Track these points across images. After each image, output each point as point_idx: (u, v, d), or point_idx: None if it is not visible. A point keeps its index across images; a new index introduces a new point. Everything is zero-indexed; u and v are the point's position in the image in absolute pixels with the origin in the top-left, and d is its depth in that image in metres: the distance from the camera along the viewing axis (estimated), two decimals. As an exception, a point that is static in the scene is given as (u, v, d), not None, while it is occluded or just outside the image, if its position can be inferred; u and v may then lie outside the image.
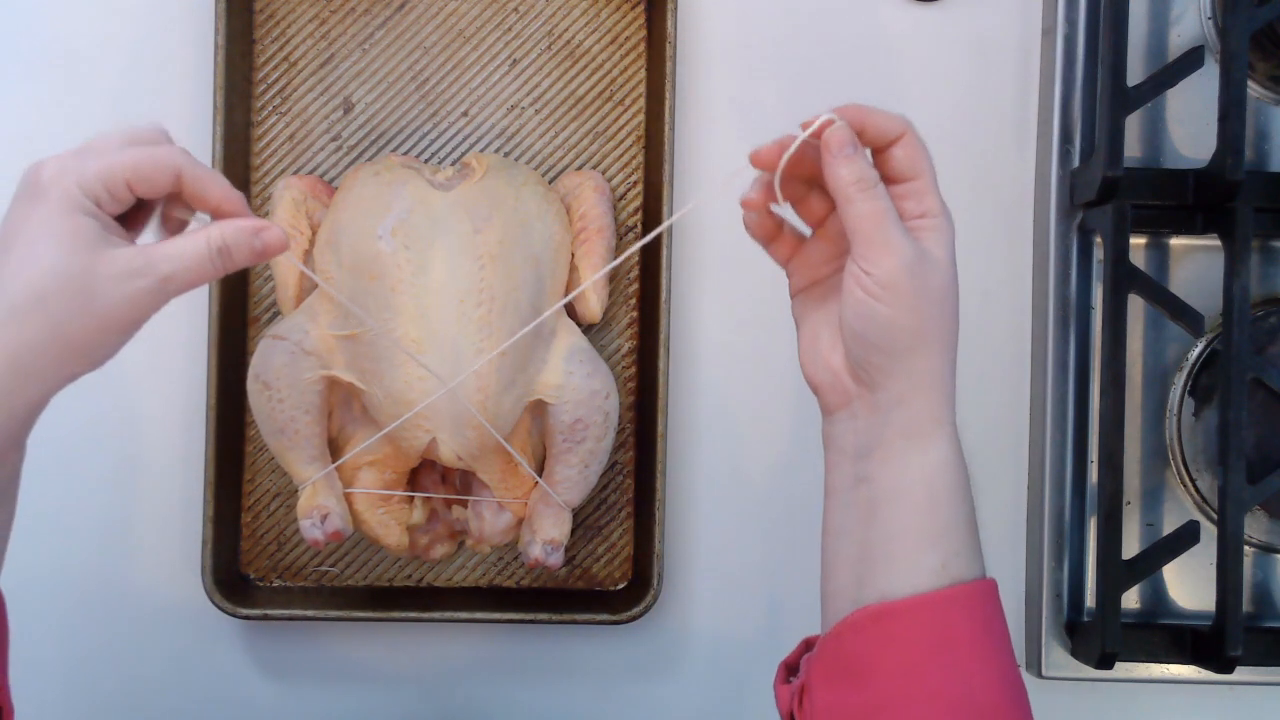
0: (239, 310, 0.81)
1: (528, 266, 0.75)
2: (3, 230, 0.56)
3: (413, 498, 0.78)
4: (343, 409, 0.77)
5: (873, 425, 0.60)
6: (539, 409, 0.77)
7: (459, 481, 0.79)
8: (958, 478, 0.60)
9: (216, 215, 0.58)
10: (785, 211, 0.64)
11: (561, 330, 0.77)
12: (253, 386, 0.75)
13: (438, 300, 0.73)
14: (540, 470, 0.78)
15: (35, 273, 0.54)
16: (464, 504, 0.79)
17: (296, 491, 0.76)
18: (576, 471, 0.76)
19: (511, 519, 0.78)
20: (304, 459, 0.75)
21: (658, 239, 0.80)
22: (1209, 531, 0.81)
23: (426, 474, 0.79)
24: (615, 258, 0.80)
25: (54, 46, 0.83)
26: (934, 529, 0.59)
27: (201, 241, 0.57)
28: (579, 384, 0.76)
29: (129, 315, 0.56)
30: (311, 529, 0.75)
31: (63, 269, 0.54)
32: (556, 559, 0.77)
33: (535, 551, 0.77)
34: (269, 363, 0.74)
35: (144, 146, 0.57)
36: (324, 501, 0.75)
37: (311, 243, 0.77)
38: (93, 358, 0.57)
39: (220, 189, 0.58)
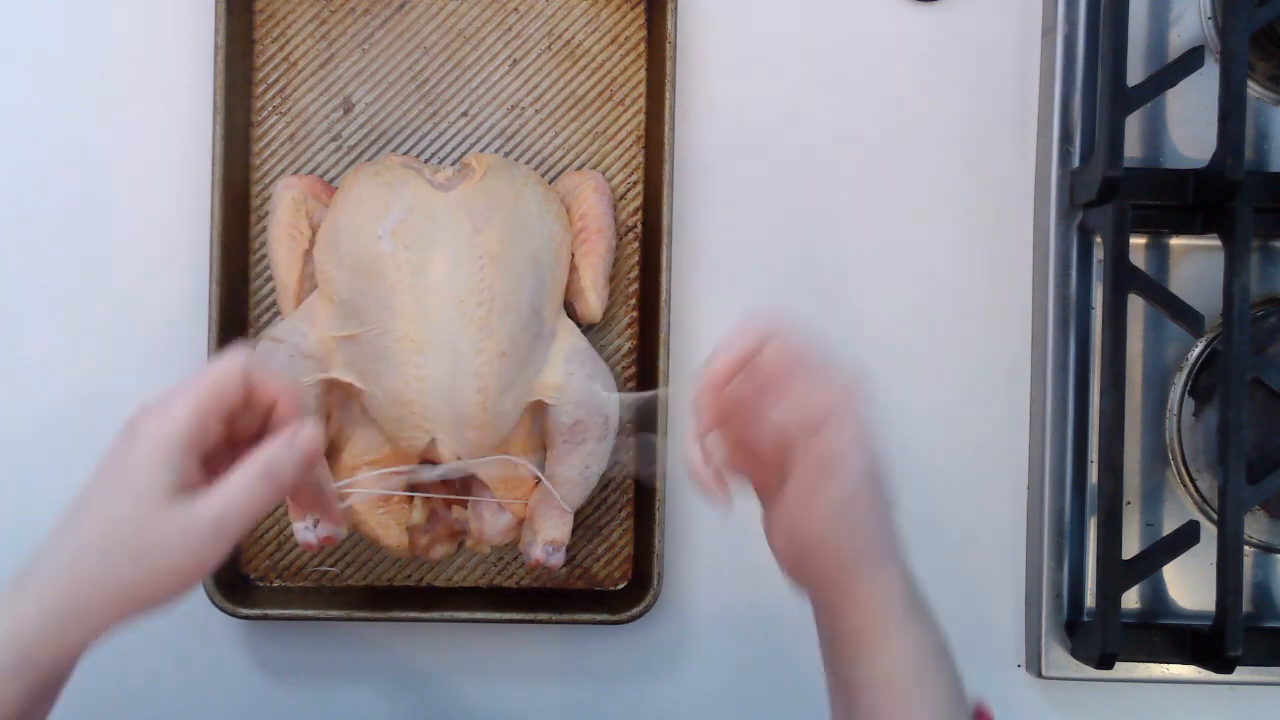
0: (239, 311, 0.81)
1: (528, 267, 0.75)
2: (97, 471, 0.59)
3: (412, 498, 0.78)
4: (341, 410, 0.77)
5: (827, 628, 0.62)
6: (539, 409, 0.77)
7: (459, 482, 0.79)
8: (923, 661, 0.61)
9: (274, 414, 0.60)
10: None
11: (562, 331, 0.77)
12: None
13: (437, 300, 0.73)
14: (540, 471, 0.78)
15: (103, 522, 0.57)
16: (463, 504, 0.79)
17: (293, 491, 0.76)
18: (577, 473, 0.76)
19: (511, 519, 0.78)
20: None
21: (657, 239, 0.80)
22: (1209, 531, 0.81)
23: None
24: (615, 257, 0.80)
25: (54, 46, 0.83)
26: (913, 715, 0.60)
27: (247, 473, 0.58)
28: (579, 385, 0.76)
29: (190, 564, 0.58)
30: (305, 532, 0.75)
31: (125, 520, 0.57)
32: (558, 559, 0.77)
33: (536, 552, 0.77)
34: (267, 362, 0.74)
35: (210, 370, 0.59)
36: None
37: (311, 243, 0.77)
38: (150, 604, 0.58)
39: (279, 383, 0.60)
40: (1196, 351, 0.83)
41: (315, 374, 0.75)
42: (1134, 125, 0.83)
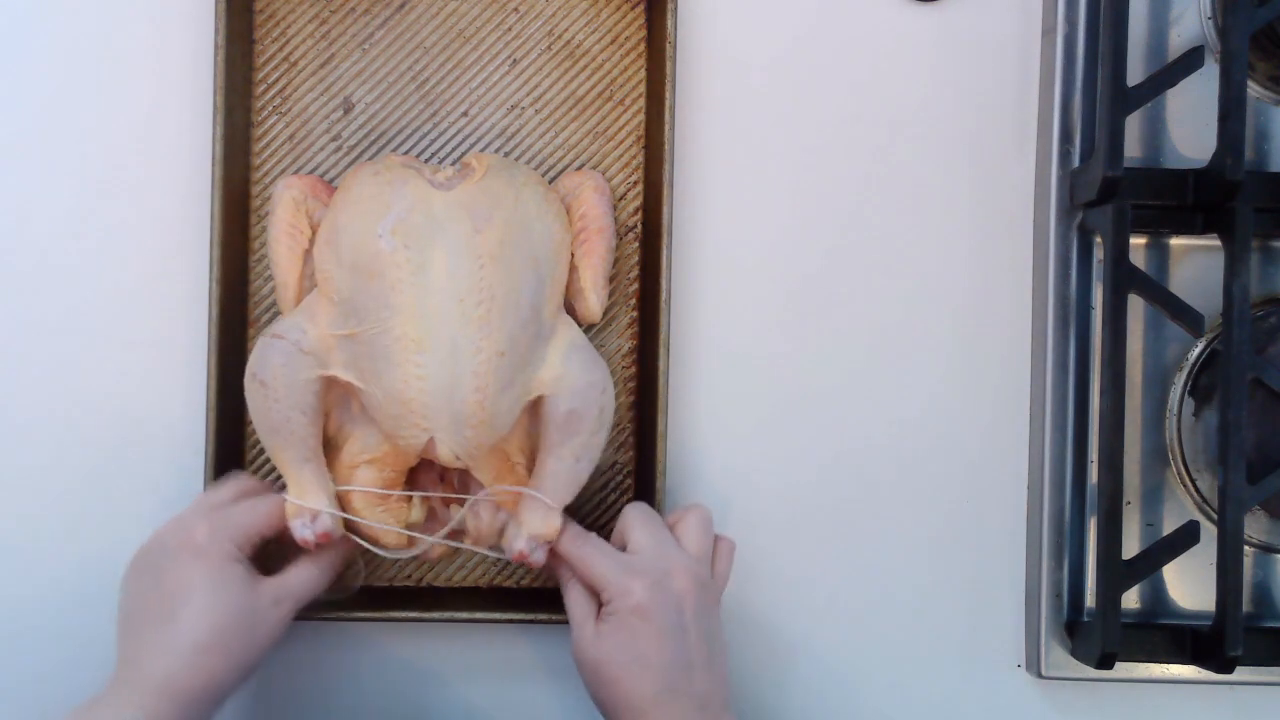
0: (239, 310, 0.81)
1: (528, 266, 0.75)
2: (165, 586, 0.70)
3: (410, 497, 0.78)
4: (340, 408, 0.77)
5: None
6: (537, 406, 0.77)
7: (457, 481, 0.79)
8: None
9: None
10: None
11: (561, 327, 0.77)
12: (250, 385, 0.75)
13: (437, 299, 0.73)
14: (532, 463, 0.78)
15: (216, 616, 0.69)
16: (462, 503, 0.79)
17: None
18: (567, 465, 0.76)
19: (509, 516, 0.78)
20: (297, 459, 0.75)
21: (657, 239, 0.80)
22: (1209, 531, 0.81)
23: (425, 473, 0.79)
24: (615, 257, 0.80)
25: (54, 46, 0.83)
26: None
27: (310, 562, 0.75)
28: (576, 375, 0.76)
29: (279, 633, 0.72)
30: (301, 529, 0.75)
31: (236, 608, 0.70)
32: (540, 555, 0.76)
33: (520, 545, 0.76)
34: (266, 361, 0.74)
35: (257, 498, 0.74)
36: (314, 502, 0.75)
37: (311, 242, 0.77)
38: (251, 673, 0.71)
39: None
40: (1196, 351, 0.83)
41: (314, 371, 0.75)
42: (1134, 125, 0.83)
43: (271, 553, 0.76)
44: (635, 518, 0.75)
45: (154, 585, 0.70)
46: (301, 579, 0.74)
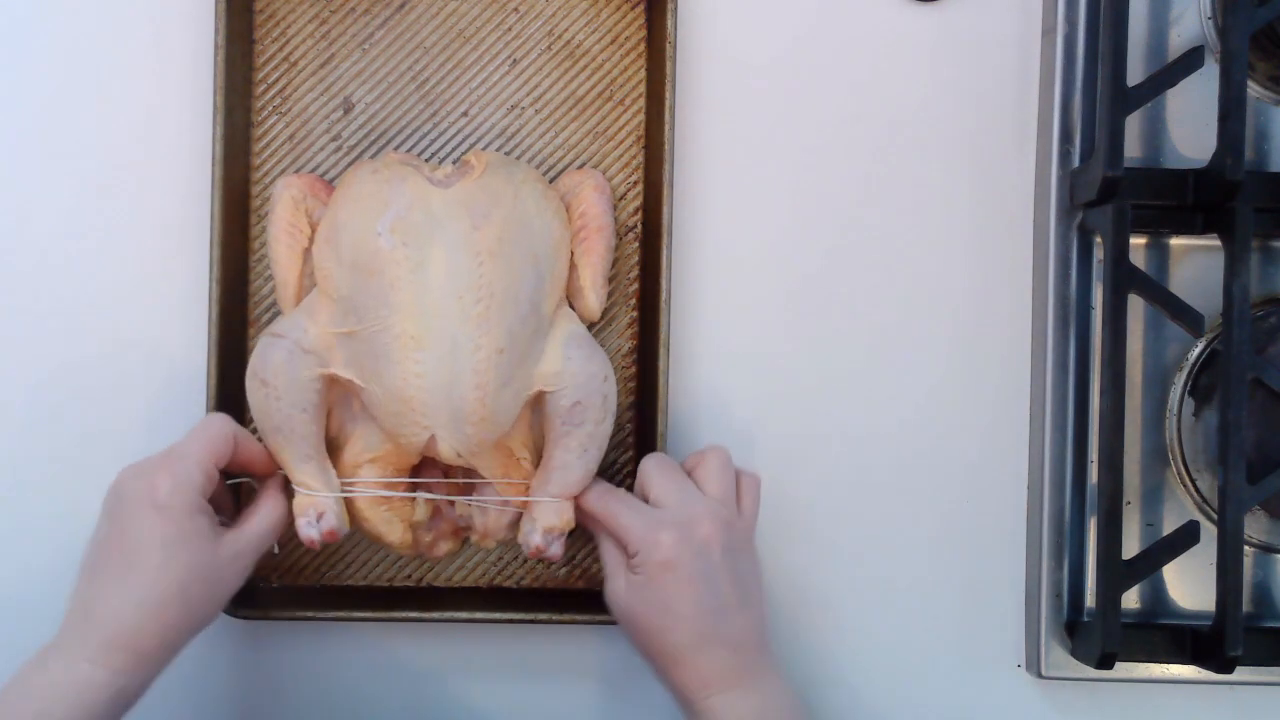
0: (239, 310, 0.81)
1: (527, 263, 0.75)
2: (126, 537, 0.69)
3: (414, 496, 0.78)
4: (341, 407, 0.77)
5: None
6: (539, 402, 0.77)
7: (461, 476, 0.79)
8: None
9: (257, 468, 0.75)
10: None
11: (560, 320, 0.77)
12: (251, 384, 0.75)
13: (436, 296, 0.73)
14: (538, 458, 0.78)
15: (177, 571, 0.68)
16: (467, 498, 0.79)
17: (293, 488, 0.76)
18: (575, 456, 0.76)
19: (514, 512, 0.78)
20: (300, 456, 0.75)
21: (657, 239, 0.80)
22: (1209, 531, 0.81)
23: (429, 471, 0.79)
24: (615, 256, 0.80)
25: (54, 46, 0.83)
26: None
27: (269, 511, 0.74)
28: (577, 368, 0.76)
29: (238, 585, 0.72)
30: (307, 528, 0.75)
31: (197, 563, 0.69)
32: (557, 549, 0.77)
33: (536, 540, 0.76)
34: (267, 360, 0.74)
35: (205, 430, 0.72)
36: (320, 500, 0.75)
37: (311, 241, 0.77)
38: (209, 624, 0.71)
39: (258, 447, 0.75)
40: (1196, 351, 0.83)
41: (315, 369, 0.75)
42: (1134, 125, 0.83)
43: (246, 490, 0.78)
44: (653, 468, 0.75)
45: (114, 535, 0.69)
46: (261, 530, 0.73)
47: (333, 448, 0.77)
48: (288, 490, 0.76)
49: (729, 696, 0.71)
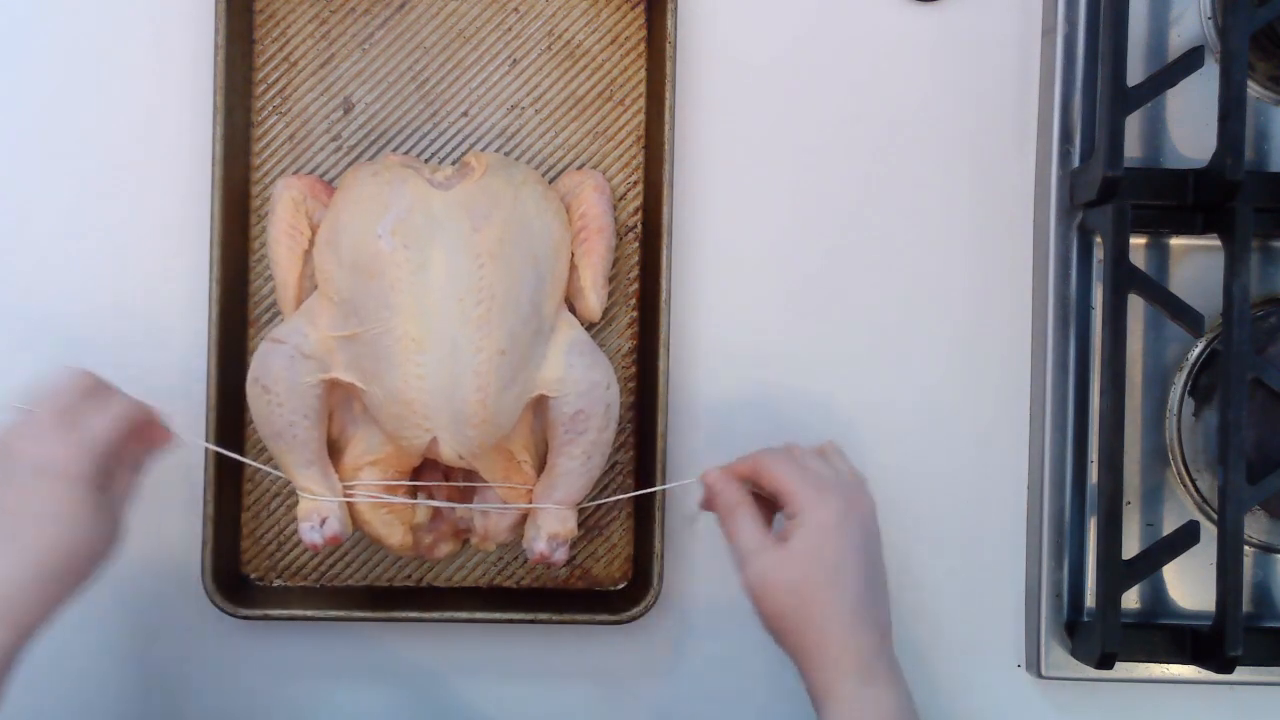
0: (239, 311, 0.81)
1: (527, 264, 0.75)
2: (12, 502, 0.66)
3: (415, 497, 0.78)
4: (343, 410, 0.77)
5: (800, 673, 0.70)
6: (540, 405, 0.77)
7: (461, 479, 0.79)
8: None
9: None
10: None
11: (561, 325, 0.77)
12: (252, 390, 0.75)
13: (437, 298, 0.73)
14: (542, 464, 0.78)
15: (70, 543, 0.66)
16: (468, 500, 0.79)
17: (296, 492, 0.76)
18: (579, 464, 0.76)
19: (515, 515, 0.78)
20: (302, 462, 0.75)
21: (657, 239, 0.80)
22: (1209, 531, 0.81)
23: (430, 473, 0.79)
24: (615, 256, 0.80)
25: (54, 46, 0.83)
26: None
27: (133, 464, 0.72)
28: (580, 376, 0.76)
29: (118, 545, 0.69)
30: (310, 532, 0.75)
31: (89, 534, 0.67)
32: (561, 554, 0.77)
33: (540, 546, 0.76)
34: (268, 366, 0.74)
35: (112, 405, 0.69)
36: (323, 505, 0.75)
37: (311, 242, 0.77)
38: (88, 587, 0.68)
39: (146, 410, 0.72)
40: (1196, 351, 0.83)
41: (316, 375, 0.75)
42: (1134, 125, 0.83)
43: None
44: (780, 455, 0.72)
45: (12, 491, 0.66)
46: (129, 481, 0.71)
47: (334, 450, 0.77)
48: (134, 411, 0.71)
49: (873, 690, 0.67)
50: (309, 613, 0.80)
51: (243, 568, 0.83)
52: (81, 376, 0.71)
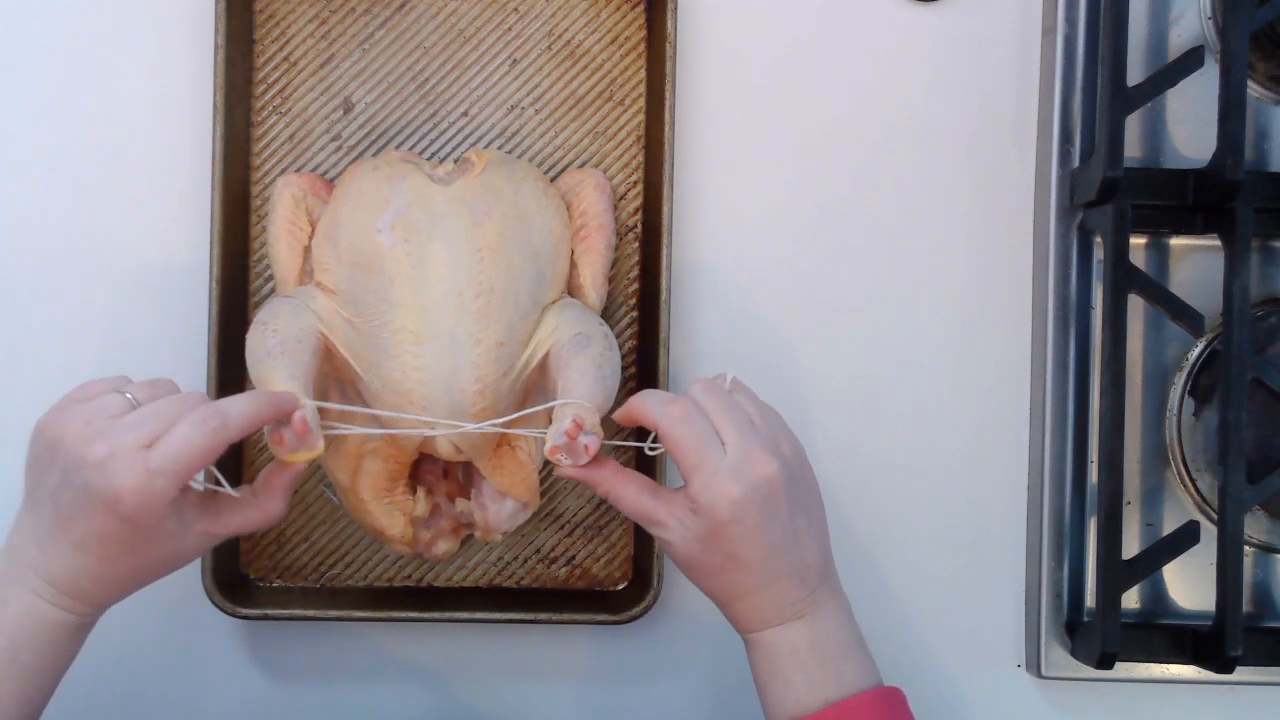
0: (239, 310, 0.81)
1: (527, 260, 0.75)
2: (81, 523, 0.63)
3: (414, 491, 0.78)
4: (339, 398, 0.77)
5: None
6: (543, 370, 0.76)
7: (460, 475, 0.79)
8: (799, 657, 0.68)
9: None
10: None
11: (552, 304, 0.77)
12: (252, 332, 0.72)
13: (436, 292, 0.73)
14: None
15: (138, 558, 0.65)
16: (467, 495, 0.79)
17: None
18: (591, 368, 0.72)
19: (516, 504, 0.78)
20: (286, 375, 0.70)
21: (657, 239, 0.80)
22: (1209, 531, 0.81)
23: (428, 468, 0.79)
24: (615, 255, 0.80)
25: (54, 46, 0.83)
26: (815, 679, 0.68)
27: (252, 516, 0.69)
28: (572, 314, 0.75)
29: (204, 551, 0.70)
30: (281, 429, 0.68)
31: (159, 553, 0.66)
32: (592, 442, 0.70)
33: (565, 425, 0.69)
34: (274, 309, 0.74)
35: (193, 423, 0.63)
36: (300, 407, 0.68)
37: (311, 238, 0.77)
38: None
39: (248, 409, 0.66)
40: (1196, 351, 0.83)
41: (319, 325, 0.73)
42: (1134, 125, 0.83)
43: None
44: (654, 405, 0.68)
45: (68, 515, 0.63)
46: (238, 527, 0.68)
47: (335, 441, 0.77)
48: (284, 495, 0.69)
49: (787, 628, 0.68)
50: (309, 613, 0.80)
51: (243, 568, 0.83)
52: (189, 395, 0.66)
